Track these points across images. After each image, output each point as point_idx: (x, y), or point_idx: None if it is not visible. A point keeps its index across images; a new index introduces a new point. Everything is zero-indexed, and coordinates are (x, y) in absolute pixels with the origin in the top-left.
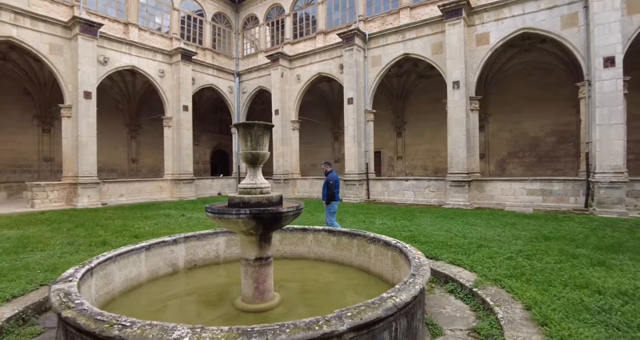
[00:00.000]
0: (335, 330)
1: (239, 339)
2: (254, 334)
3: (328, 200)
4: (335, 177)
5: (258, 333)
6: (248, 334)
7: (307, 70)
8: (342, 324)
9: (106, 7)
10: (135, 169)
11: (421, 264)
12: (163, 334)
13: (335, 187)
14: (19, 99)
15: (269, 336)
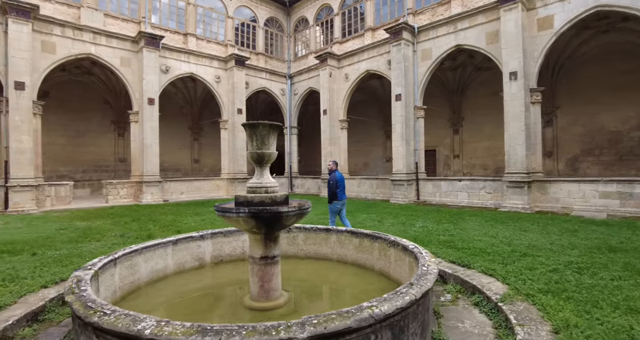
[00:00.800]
0: (293, 338)
1: (195, 335)
2: (210, 332)
3: (330, 199)
4: (337, 177)
5: (215, 332)
6: (205, 332)
7: (355, 69)
8: (303, 332)
9: (168, 20)
10: (198, 169)
11: (426, 273)
12: (131, 324)
13: (336, 186)
14: (99, 107)
15: (223, 336)
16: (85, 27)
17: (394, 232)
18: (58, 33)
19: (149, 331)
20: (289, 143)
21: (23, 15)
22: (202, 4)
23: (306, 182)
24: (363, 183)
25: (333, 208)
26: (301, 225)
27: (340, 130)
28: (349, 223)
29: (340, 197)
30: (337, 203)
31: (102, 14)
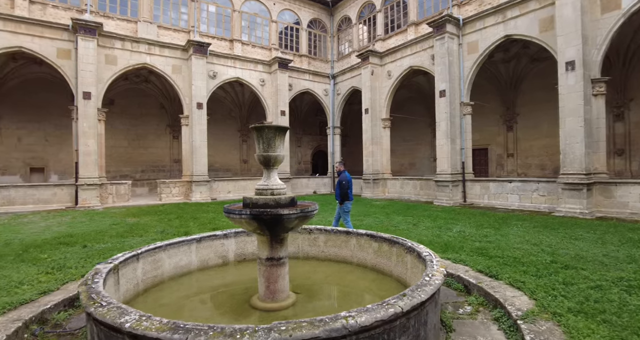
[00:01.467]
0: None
1: (166, 332)
2: (181, 330)
3: (342, 200)
4: (347, 177)
5: (185, 330)
6: (176, 329)
7: (398, 65)
8: (267, 338)
9: (215, 28)
10: (246, 169)
11: (426, 284)
12: (116, 317)
13: (347, 186)
14: (157, 112)
15: (191, 335)
16: (141, 39)
17: (426, 236)
18: (119, 46)
19: (128, 325)
20: (332, 143)
21: (90, 33)
22: (247, 10)
23: None
24: (406, 184)
25: (346, 208)
26: (323, 227)
27: (383, 129)
28: (351, 225)
29: (350, 198)
30: (349, 203)
31: (155, 26)
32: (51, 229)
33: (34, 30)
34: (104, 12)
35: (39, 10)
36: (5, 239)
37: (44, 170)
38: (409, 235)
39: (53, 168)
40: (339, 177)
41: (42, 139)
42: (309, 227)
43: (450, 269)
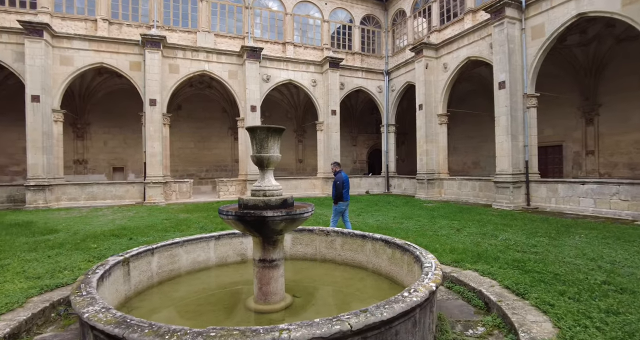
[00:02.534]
0: None
1: (111, 325)
2: (122, 325)
3: (336, 200)
4: (343, 177)
5: (127, 325)
6: (119, 324)
7: (455, 57)
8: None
9: (268, 32)
10: (302, 168)
11: (394, 301)
12: (83, 306)
13: (343, 187)
14: (219, 116)
15: (128, 331)
16: (200, 48)
17: (463, 243)
18: (180, 56)
19: (86, 315)
20: (386, 141)
21: (155, 46)
22: (298, 12)
23: (403, 183)
24: (464, 184)
25: (339, 209)
26: (339, 229)
27: (439, 125)
28: (350, 225)
29: (345, 198)
30: (343, 204)
31: (213, 35)
32: (114, 222)
33: (112, 48)
34: (168, 26)
35: (116, 30)
36: (75, 229)
37: (124, 170)
38: (445, 242)
39: (131, 167)
40: (335, 177)
41: (123, 142)
42: (326, 229)
43: (473, 283)
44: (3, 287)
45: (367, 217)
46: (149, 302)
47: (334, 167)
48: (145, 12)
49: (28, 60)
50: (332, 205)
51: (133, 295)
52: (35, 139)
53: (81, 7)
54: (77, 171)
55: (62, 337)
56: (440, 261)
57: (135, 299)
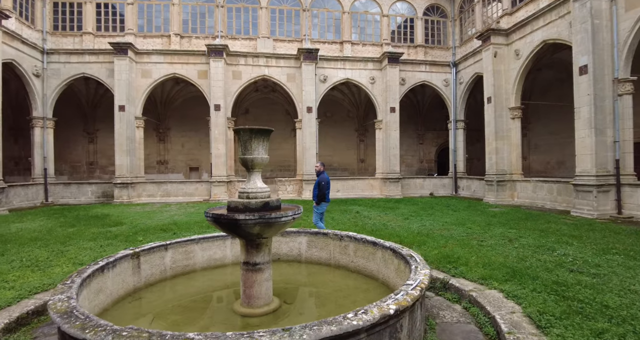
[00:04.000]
0: None
1: (58, 317)
2: (73, 315)
3: (319, 201)
4: (326, 178)
5: (75, 317)
6: (69, 315)
7: (528, 42)
8: None
9: (326, 32)
10: (363, 168)
11: (332, 322)
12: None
13: (326, 188)
14: (282, 118)
15: (69, 325)
16: (260, 54)
17: (505, 257)
18: (242, 63)
19: (50, 302)
20: (454, 139)
21: (218, 54)
22: (356, 9)
23: (472, 184)
24: (539, 187)
25: (321, 209)
26: (354, 234)
27: (511, 120)
28: (324, 225)
29: (327, 199)
30: (325, 204)
31: (272, 40)
32: (172, 218)
33: (183, 59)
34: (231, 35)
35: (186, 42)
36: (136, 223)
37: (199, 169)
38: (485, 254)
39: (205, 167)
40: (318, 177)
41: (198, 144)
42: (340, 233)
43: (490, 306)
44: (52, 270)
45: (414, 222)
46: (153, 294)
47: (319, 167)
48: (211, 24)
49: (116, 75)
50: (313, 206)
51: (143, 286)
52: (121, 143)
53: (158, 26)
54: (160, 170)
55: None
56: (466, 277)
57: (144, 290)
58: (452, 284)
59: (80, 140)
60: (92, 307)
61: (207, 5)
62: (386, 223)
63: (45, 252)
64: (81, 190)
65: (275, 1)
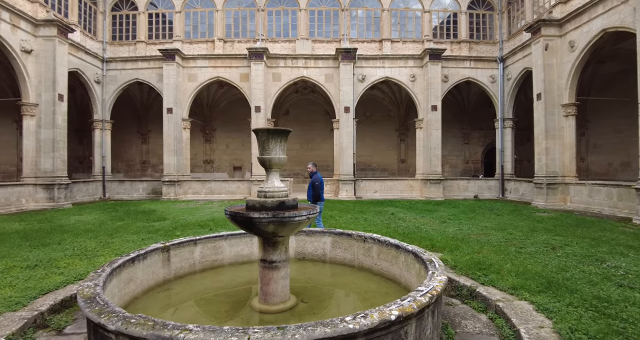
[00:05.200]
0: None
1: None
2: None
3: (314, 201)
4: (320, 178)
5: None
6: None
7: (585, 31)
8: None
9: (365, 31)
10: (404, 169)
11: (327, 324)
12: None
13: (320, 188)
14: (322, 118)
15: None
16: (299, 55)
17: (545, 266)
18: (282, 65)
19: (79, 288)
20: (501, 139)
21: (259, 57)
22: (396, 6)
23: (520, 187)
24: (596, 191)
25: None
26: (377, 236)
27: (564, 118)
28: (322, 224)
29: (322, 198)
30: (321, 204)
31: (310, 42)
32: (211, 215)
33: (226, 63)
34: (271, 38)
35: (229, 47)
36: (178, 219)
37: (241, 168)
38: (521, 262)
39: (246, 167)
40: (311, 178)
41: (241, 144)
42: (363, 235)
43: (516, 318)
44: (97, 259)
45: (451, 226)
46: (181, 286)
47: (311, 167)
48: (252, 27)
49: (165, 80)
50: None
51: (173, 278)
52: (169, 143)
53: (203, 32)
54: (206, 169)
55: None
56: (495, 285)
57: (173, 282)
58: (480, 292)
59: (134, 140)
60: (122, 295)
61: (249, 10)
62: (420, 226)
63: (93, 243)
64: (134, 187)
65: (314, 2)
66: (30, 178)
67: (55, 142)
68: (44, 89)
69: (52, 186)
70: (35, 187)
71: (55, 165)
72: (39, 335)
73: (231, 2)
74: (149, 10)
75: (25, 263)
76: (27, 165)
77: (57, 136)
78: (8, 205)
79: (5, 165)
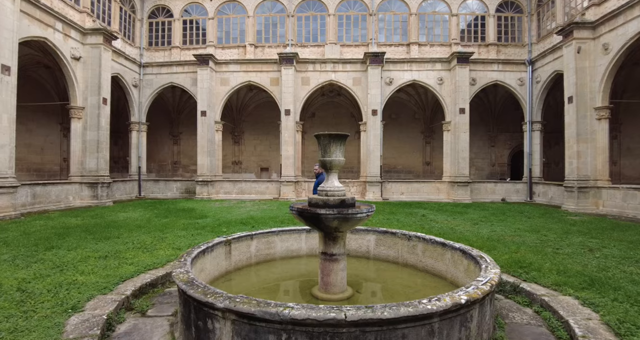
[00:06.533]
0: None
1: (184, 285)
2: (194, 284)
3: None
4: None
5: (196, 285)
6: (191, 283)
7: (620, 34)
8: None
9: (392, 35)
10: (429, 171)
11: (409, 304)
12: (175, 267)
13: None
14: (347, 120)
15: (194, 290)
16: (327, 60)
17: (585, 266)
18: (310, 69)
19: (174, 273)
20: (529, 142)
21: (289, 62)
22: (424, 10)
23: (549, 190)
24: (631, 195)
25: None
26: (422, 235)
27: (596, 122)
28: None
29: None
30: None
31: (339, 46)
32: (248, 213)
33: (257, 68)
34: (300, 43)
35: (260, 52)
36: (219, 217)
37: (268, 170)
38: (560, 262)
39: (274, 168)
40: (318, 178)
41: (268, 147)
42: (408, 233)
43: (563, 311)
44: (158, 252)
45: (484, 227)
46: (241, 277)
47: (317, 169)
48: (282, 33)
49: (199, 84)
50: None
51: (233, 270)
52: (202, 145)
53: (235, 37)
54: (234, 170)
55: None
56: (538, 282)
57: (234, 273)
58: (523, 288)
59: (166, 142)
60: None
61: (279, 16)
62: (454, 227)
63: (149, 238)
64: (168, 187)
65: (343, 7)
66: (77, 177)
67: (99, 143)
68: (90, 93)
69: (96, 185)
70: (80, 186)
71: (99, 165)
72: (127, 316)
73: (262, 8)
74: (184, 17)
75: (97, 254)
76: (73, 164)
77: (101, 137)
78: (58, 202)
79: (50, 164)
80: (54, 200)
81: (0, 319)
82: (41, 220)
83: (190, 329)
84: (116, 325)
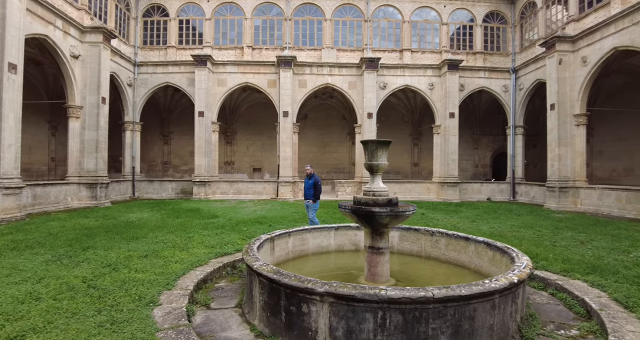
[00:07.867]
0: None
1: (275, 275)
2: (284, 274)
3: (315, 199)
4: (319, 179)
5: (286, 275)
6: (280, 273)
7: (597, 49)
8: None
9: (386, 42)
10: (417, 172)
11: (477, 283)
12: (251, 261)
13: (320, 188)
14: (339, 122)
15: (288, 279)
16: (324, 63)
17: (582, 255)
18: (308, 72)
19: (255, 266)
20: (512, 145)
21: (287, 65)
22: (416, 18)
23: (531, 190)
24: (606, 195)
25: (316, 207)
26: (444, 231)
27: (575, 127)
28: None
29: (319, 197)
30: (317, 202)
31: (335, 50)
32: (255, 213)
33: (254, 69)
34: (298, 46)
35: (257, 54)
36: (229, 216)
37: (261, 170)
38: (560, 253)
39: (266, 168)
40: (312, 179)
41: (260, 147)
42: (431, 230)
43: (577, 291)
44: (193, 250)
45: (482, 224)
46: (286, 270)
47: (309, 170)
48: (280, 36)
49: (197, 84)
50: (310, 204)
51: (275, 264)
52: (199, 146)
53: (232, 39)
54: (226, 170)
55: (231, 287)
56: (548, 269)
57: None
58: (537, 274)
59: (156, 142)
60: None
61: (276, 19)
62: (455, 224)
63: (176, 237)
64: (162, 187)
65: (339, 13)
66: (74, 177)
67: (98, 143)
68: (89, 92)
69: (94, 185)
70: (79, 186)
71: (97, 165)
72: (196, 309)
73: (259, 11)
74: (180, 17)
75: (136, 253)
76: (71, 165)
77: (100, 137)
78: (57, 203)
79: (38, 164)
80: (53, 201)
81: (93, 313)
82: (53, 222)
83: (278, 314)
84: (191, 317)
